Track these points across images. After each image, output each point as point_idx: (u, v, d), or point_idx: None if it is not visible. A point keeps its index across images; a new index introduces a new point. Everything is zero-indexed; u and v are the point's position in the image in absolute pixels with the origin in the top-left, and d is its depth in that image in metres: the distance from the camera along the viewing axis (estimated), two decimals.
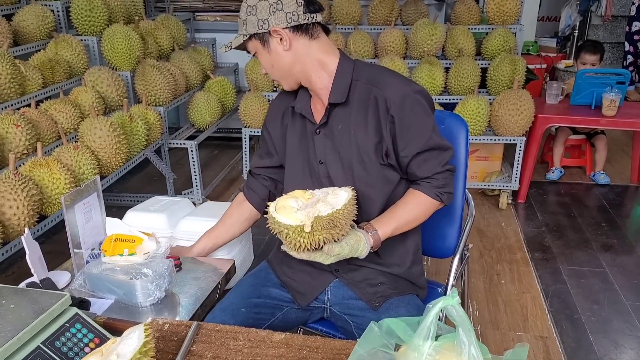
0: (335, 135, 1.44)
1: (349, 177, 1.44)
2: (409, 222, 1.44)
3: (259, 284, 1.57)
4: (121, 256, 1.67)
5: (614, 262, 2.93)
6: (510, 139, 3.43)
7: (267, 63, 1.46)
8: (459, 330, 0.92)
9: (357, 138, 1.41)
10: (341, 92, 1.41)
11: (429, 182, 1.43)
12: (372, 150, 1.41)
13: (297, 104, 1.49)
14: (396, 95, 1.38)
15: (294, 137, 1.52)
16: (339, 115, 1.43)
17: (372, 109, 1.40)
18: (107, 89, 3.07)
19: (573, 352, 2.25)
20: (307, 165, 1.50)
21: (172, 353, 1.19)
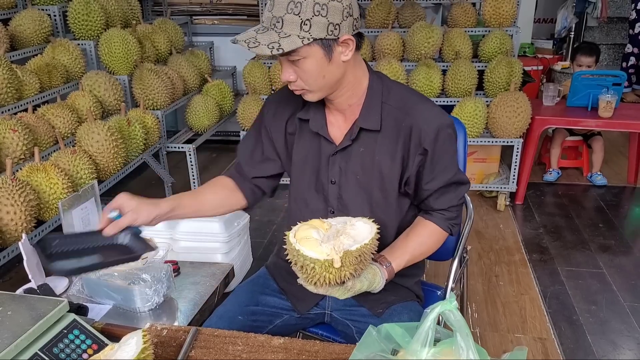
0: (355, 157, 1.36)
1: (365, 202, 1.38)
2: (421, 255, 1.42)
3: (257, 292, 1.54)
4: None
5: (612, 263, 2.94)
6: (507, 140, 3.44)
7: (317, 72, 1.24)
8: (457, 335, 0.92)
9: (381, 165, 1.34)
10: (374, 118, 1.32)
11: (442, 214, 1.41)
12: (395, 179, 1.35)
13: (312, 122, 1.37)
14: (431, 128, 1.30)
15: (302, 151, 1.42)
16: (364, 139, 1.34)
17: (403, 139, 1.32)
18: (104, 93, 3.07)
19: (571, 354, 2.26)
20: (315, 182, 1.42)
21: (171, 359, 1.18)
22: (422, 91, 3.60)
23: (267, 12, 1.20)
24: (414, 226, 1.42)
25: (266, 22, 1.20)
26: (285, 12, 1.16)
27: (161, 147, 3.37)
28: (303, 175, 1.43)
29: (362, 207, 1.39)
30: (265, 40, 1.17)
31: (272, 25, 1.18)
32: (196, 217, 1.52)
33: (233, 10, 4.74)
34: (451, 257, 1.79)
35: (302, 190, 1.45)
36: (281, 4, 1.17)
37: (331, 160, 1.38)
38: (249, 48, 1.18)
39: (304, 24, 1.16)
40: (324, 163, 1.39)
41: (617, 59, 6.30)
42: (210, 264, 1.89)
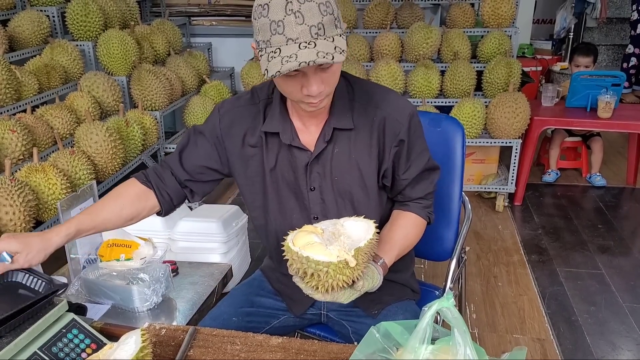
0: (330, 159, 1.32)
1: (348, 202, 1.35)
2: (407, 247, 1.40)
3: (252, 293, 1.53)
4: (118, 261, 1.67)
5: (611, 264, 2.94)
6: (506, 141, 3.44)
7: (339, 71, 1.20)
8: (454, 331, 0.93)
9: (359, 163, 1.32)
10: (346, 116, 1.29)
11: (419, 202, 1.40)
12: (374, 174, 1.33)
13: (283, 134, 1.30)
14: (404, 117, 1.30)
15: (274, 163, 1.34)
16: (337, 139, 1.31)
17: (377, 132, 1.30)
18: (102, 94, 3.07)
19: (570, 354, 2.25)
20: (293, 193, 1.36)
21: (169, 358, 1.18)
22: (421, 92, 3.61)
23: (298, 26, 1.06)
24: (395, 219, 1.40)
25: (303, 36, 1.07)
26: (322, 17, 1.07)
27: (159, 148, 3.37)
28: (280, 187, 1.36)
29: (345, 207, 1.37)
30: (329, 49, 1.07)
31: (315, 35, 1.07)
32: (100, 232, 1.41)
33: (231, 11, 4.74)
34: (449, 257, 1.78)
35: (282, 201, 1.38)
36: (312, 11, 1.06)
37: (308, 169, 1.33)
38: (311, 63, 1.05)
39: (336, 20, 1.11)
40: (300, 172, 1.33)
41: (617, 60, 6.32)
42: (209, 264, 1.89)
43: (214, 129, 1.37)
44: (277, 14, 1.06)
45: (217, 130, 1.37)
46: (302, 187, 1.35)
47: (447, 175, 1.73)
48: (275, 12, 1.06)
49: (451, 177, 1.77)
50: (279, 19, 1.06)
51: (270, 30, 1.08)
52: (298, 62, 1.04)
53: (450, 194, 1.78)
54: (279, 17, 1.06)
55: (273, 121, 1.31)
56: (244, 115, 1.35)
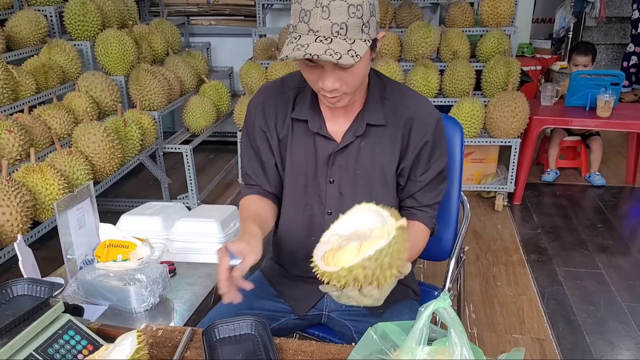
0: (355, 153, 1.35)
1: (367, 199, 1.33)
2: (414, 255, 1.42)
3: (251, 296, 1.50)
4: (115, 262, 1.66)
5: (610, 263, 2.93)
6: (505, 141, 3.44)
7: (363, 74, 1.22)
8: (451, 331, 0.92)
9: (381, 159, 1.35)
10: (379, 113, 1.33)
11: (425, 211, 1.41)
12: (394, 171, 1.37)
13: (312, 122, 1.34)
14: (432, 120, 1.34)
15: (297, 153, 1.38)
16: (368, 134, 1.34)
17: (403, 131, 1.33)
18: (100, 94, 3.06)
19: (570, 354, 2.25)
20: (311, 184, 1.38)
21: (166, 359, 1.17)
22: (420, 91, 3.60)
23: (322, 20, 1.10)
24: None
25: (323, 30, 1.10)
26: (348, 17, 1.10)
27: (158, 148, 3.37)
28: (298, 178, 1.40)
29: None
30: (342, 49, 1.10)
31: (335, 33, 1.10)
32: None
33: (230, 11, 4.73)
34: (448, 257, 1.78)
35: (297, 193, 1.41)
36: (340, 9, 1.09)
37: (331, 159, 1.36)
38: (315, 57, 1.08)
39: (364, 26, 1.12)
40: (321, 162, 1.36)
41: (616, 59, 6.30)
42: (207, 265, 1.87)
43: (254, 126, 1.42)
44: (308, 4, 1.11)
45: (256, 125, 1.41)
46: (321, 178, 1.37)
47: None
48: (307, 1, 1.11)
49: (450, 177, 1.76)
50: (309, 8, 1.11)
51: (299, 17, 1.13)
52: (304, 52, 1.09)
53: (449, 193, 1.77)
54: (309, 7, 1.11)
55: (303, 109, 1.35)
56: (272, 104, 1.39)
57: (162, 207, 2.22)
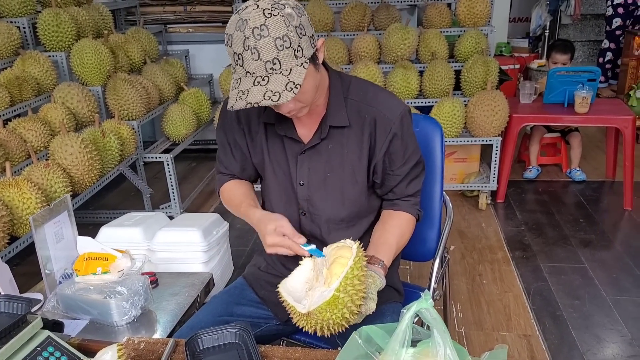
0: (323, 155, 1.37)
1: (338, 201, 1.39)
2: (402, 246, 1.43)
3: (232, 302, 1.51)
4: (94, 275, 1.63)
5: (593, 258, 2.95)
6: (486, 139, 3.45)
7: (313, 88, 1.23)
8: (434, 332, 0.91)
9: (351, 159, 1.37)
10: (341, 114, 1.34)
11: (408, 200, 1.44)
12: (364, 170, 1.38)
13: (279, 125, 1.36)
14: (395, 115, 1.34)
15: (273, 153, 1.41)
16: (332, 136, 1.36)
17: (368, 130, 1.35)
18: (77, 105, 3.02)
19: (556, 349, 2.26)
20: (284, 186, 1.42)
21: None
22: (400, 93, 3.61)
23: (254, 62, 1.11)
24: (388, 220, 1.43)
25: (258, 70, 1.12)
26: (277, 52, 1.11)
27: (138, 158, 3.33)
28: (275, 179, 1.43)
29: (335, 205, 1.40)
30: (279, 86, 1.12)
31: (270, 70, 1.12)
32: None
33: (208, 18, 4.70)
34: (432, 257, 1.78)
35: (277, 192, 1.45)
36: (268, 47, 1.10)
37: (299, 160, 1.38)
38: (256, 105, 1.13)
39: (296, 51, 1.13)
40: (292, 164, 1.39)
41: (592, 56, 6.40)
42: (189, 274, 1.85)
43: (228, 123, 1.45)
44: (237, 47, 1.12)
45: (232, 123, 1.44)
46: (294, 179, 1.40)
47: (428, 175, 1.72)
48: (236, 45, 1.12)
49: (432, 177, 1.76)
50: (239, 52, 1.13)
51: (234, 60, 1.15)
52: (246, 102, 1.13)
53: (432, 193, 1.77)
54: (239, 50, 1.12)
55: (271, 112, 1.34)
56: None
57: (142, 218, 2.20)
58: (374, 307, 1.21)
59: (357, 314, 1.15)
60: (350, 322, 1.15)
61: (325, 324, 1.11)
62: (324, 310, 1.10)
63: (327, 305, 1.10)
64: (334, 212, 1.40)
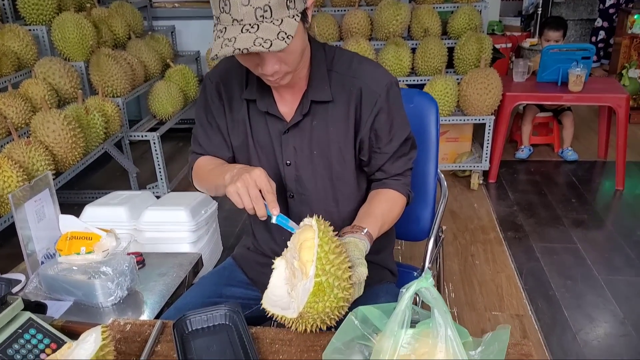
0: (309, 132, 1.28)
1: (326, 179, 1.32)
2: (389, 222, 1.34)
3: (221, 283, 1.45)
4: (78, 255, 1.57)
5: (585, 237, 2.94)
6: (479, 118, 3.41)
7: (300, 49, 1.15)
8: (434, 312, 0.87)
9: (337, 135, 1.28)
10: (324, 88, 1.25)
11: (398, 179, 1.35)
12: (351, 147, 1.29)
13: (260, 101, 1.27)
14: (381, 87, 1.25)
15: (256, 133, 1.32)
16: (315, 111, 1.27)
17: (354, 103, 1.26)
18: (59, 81, 2.92)
19: (549, 329, 2.24)
20: (268, 168, 1.29)
21: (135, 355, 1.11)
22: (392, 70, 3.54)
23: (243, 7, 1.02)
24: (375, 196, 1.35)
25: (247, 17, 1.03)
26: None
27: (124, 137, 3.24)
28: (259, 162, 1.34)
29: (324, 185, 1.33)
30: (270, 34, 1.02)
31: (260, 18, 1.03)
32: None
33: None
34: (426, 237, 1.74)
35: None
36: None
37: (283, 140, 1.30)
38: (245, 51, 1.02)
39: (289, 1, 1.04)
40: (276, 144, 1.30)
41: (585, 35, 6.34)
42: (177, 254, 1.80)
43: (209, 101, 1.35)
44: None
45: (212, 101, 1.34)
46: (279, 160, 1.31)
47: (422, 153, 1.68)
48: None
49: (426, 155, 1.72)
50: None
51: (219, 7, 1.05)
52: (233, 48, 1.02)
53: (426, 172, 1.73)
54: None
55: (252, 88, 1.27)
56: (228, 80, 1.32)
57: (128, 197, 2.14)
58: (365, 271, 1.11)
59: (351, 287, 1.07)
60: (350, 298, 1.07)
61: (324, 315, 1.03)
62: (313, 303, 1.01)
63: (314, 297, 1.01)
64: (324, 192, 1.34)
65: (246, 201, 1.11)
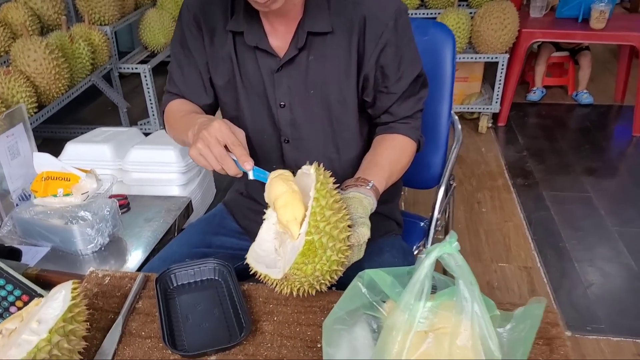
0: (305, 69, 1.12)
1: (326, 122, 1.17)
2: (398, 172, 1.18)
3: (210, 232, 1.33)
4: (55, 197, 1.44)
5: (598, 186, 2.81)
6: (492, 56, 3.21)
7: None
8: (459, 283, 0.73)
9: (337, 72, 1.12)
10: (322, 17, 1.09)
11: (407, 122, 1.18)
12: (353, 86, 1.14)
13: (248, 34, 1.11)
14: (388, 15, 1.09)
15: (245, 70, 1.16)
16: (312, 44, 1.11)
17: (357, 34, 1.10)
18: (41, 5, 2.72)
19: (558, 283, 2.15)
20: (259, 111, 1.18)
21: (114, 311, 0.99)
22: None
23: None
24: (381, 142, 1.18)
25: None
26: None
27: (113, 69, 3.05)
28: (248, 104, 1.18)
29: (323, 128, 1.17)
30: None
31: None
32: None
33: None
34: (436, 184, 1.59)
35: (255, 116, 1.20)
36: None
37: (276, 78, 1.13)
38: None
39: None
40: (268, 83, 1.14)
41: None
42: (165, 198, 1.67)
43: (186, 33, 1.18)
44: None
45: (190, 34, 1.18)
46: (272, 101, 1.16)
47: (435, 91, 1.53)
48: None
49: (439, 94, 1.56)
50: None
51: None
52: None
53: (438, 113, 1.58)
54: None
55: (239, 18, 1.12)
56: (212, 7, 1.16)
57: (114, 134, 1.99)
58: (367, 233, 0.96)
59: (348, 249, 0.93)
60: (346, 262, 0.93)
61: (313, 279, 0.89)
62: (302, 264, 0.87)
63: (303, 258, 0.87)
64: (323, 136, 1.18)
65: (212, 162, 0.97)
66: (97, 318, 0.98)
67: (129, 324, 0.96)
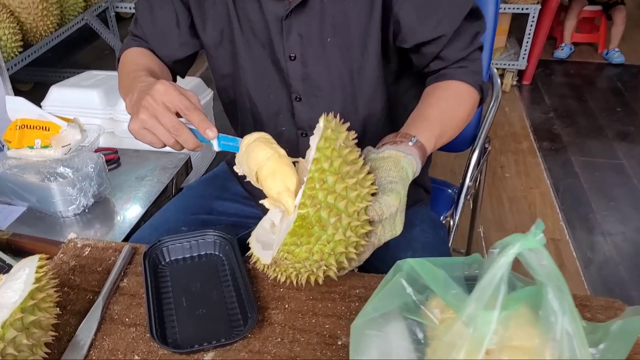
0: (319, 13, 0.94)
1: (345, 74, 0.97)
2: (455, 127, 0.95)
3: (210, 195, 1.15)
4: (32, 149, 1.26)
5: (632, 153, 2.65)
6: (522, 7, 3.01)
7: None
8: (548, 291, 0.54)
9: (358, 14, 0.93)
10: None
11: (462, 66, 0.95)
12: (377, 30, 0.94)
13: None
14: None
15: (242, 20, 0.99)
16: None
17: None
18: None
19: (587, 258, 2.00)
20: (263, 65, 1.00)
21: (93, 291, 0.83)
22: None
23: None
24: (431, 93, 0.96)
25: None
26: None
27: (108, 7, 2.83)
28: (249, 56, 0.99)
29: (341, 83, 0.97)
30: None
31: None
32: None
33: None
34: (468, 147, 1.41)
35: (255, 71, 1.01)
36: None
37: (285, 26, 0.94)
38: None
39: None
40: (275, 31, 0.96)
41: None
42: (161, 153, 1.48)
43: None
44: None
45: None
46: (279, 53, 0.99)
47: None
48: None
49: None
50: None
51: None
52: None
53: None
54: None
55: None
56: None
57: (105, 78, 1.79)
58: (394, 203, 0.73)
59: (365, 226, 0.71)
60: (363, 242, 0.72)
61: (312, 265, 0.69)
62: (292, 245, 0.68)
63: (293, 238, 0.67)
64: (341, 92, 0.99)
65: (162, 135, 0.77)
66: (73, 299, 0.82)
67: (110, 307, 0.80)
